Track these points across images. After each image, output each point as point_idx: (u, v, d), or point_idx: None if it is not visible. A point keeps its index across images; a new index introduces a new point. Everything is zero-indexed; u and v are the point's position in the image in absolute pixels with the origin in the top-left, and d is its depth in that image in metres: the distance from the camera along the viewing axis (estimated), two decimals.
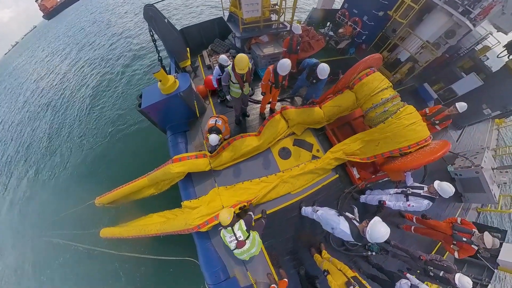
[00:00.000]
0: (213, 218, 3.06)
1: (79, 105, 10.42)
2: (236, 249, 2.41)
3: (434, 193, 2.72)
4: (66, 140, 8.82)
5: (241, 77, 3.18)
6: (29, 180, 7.98)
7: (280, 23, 5.45)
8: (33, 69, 17.30)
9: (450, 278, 2.55)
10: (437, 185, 2.66)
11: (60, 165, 7.90)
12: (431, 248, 4.02)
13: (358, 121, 4.33)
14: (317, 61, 3.60)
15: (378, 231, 1.87)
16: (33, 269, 5.75)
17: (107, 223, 5.00)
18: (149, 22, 3.86)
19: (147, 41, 13.49)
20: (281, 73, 3.23)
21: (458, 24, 5.63)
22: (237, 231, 2.37)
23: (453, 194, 2.58)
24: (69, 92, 11.75)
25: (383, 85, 3.37)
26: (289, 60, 3.13)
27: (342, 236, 2.24)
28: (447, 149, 2.84)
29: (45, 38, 24.51)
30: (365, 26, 6.33)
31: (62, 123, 9.91)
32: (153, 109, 3.76)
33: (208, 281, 2.87)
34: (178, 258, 3.40)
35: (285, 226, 3.51)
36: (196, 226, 3.02)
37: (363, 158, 3.56)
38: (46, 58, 18.19)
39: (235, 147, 3.75)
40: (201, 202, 3.44)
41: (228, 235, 2.39)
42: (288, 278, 2.93)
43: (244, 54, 2.93)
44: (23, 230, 6.59)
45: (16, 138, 10.36)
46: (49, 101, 11.68)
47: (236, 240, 2.37)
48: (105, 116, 9.07)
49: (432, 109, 3.87)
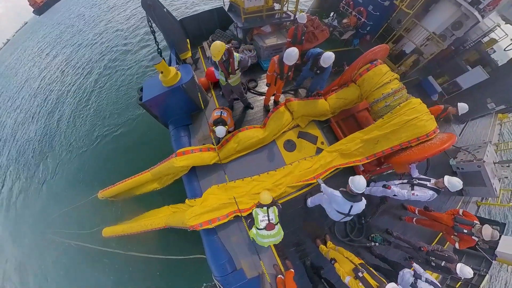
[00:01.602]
0: (207, 222, 3.06)
1: (76, 101, 10.19)
2: (264, 230, 2.41)
3: (442, 188, 2.73)
4: (66, 140, 8.65)
5: (225, 66, 3.13)
6: (29, 180, 7.89)
7: (283, 12, 5.26)
8: (25, 68, 16.78)
9: (452, 267, 2.59)
10: (447, 181, 2.66)
11: (59, 164, 7.79)
12: (431, 239, 4.10)
13: (362, 113, 4.30)
14: (322, 51, 3.48)
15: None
16: (35, 268, 5.74)
17: (112, 221, 4.92)
18: (148, 11, 3.69)
19: (142, 34, 13.08)
20: (287, 63, 3.11)
21: (466, 15, 5.48)
22: (271, 213, 2.42)
23: (460, 188, 2.59)
24: (64, 89, 11.48)
25: (384, 79, 3.31)
26: (296, 49, 3.01)
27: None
28: (453, 142, 2.83)
29: (36, 35, 23.59)
30: (370, 16, 6.15)
31: (60, 120, 9.72)
32: (154, 103, 3.66)
33: (215, 274, 2.90)
34: (188, 257, 3.39)
35: (290, 218, 3.53)
36: (191, 226, 3.05)
37: (362, 159, 3.49)
38: (38, 55, 17.59)
39: (239, 139, 3.70)
40: (199, 201, 3.41)
41: (261, 214, 2.43)
42: (293, 269, 2.98)
43: (219, 42, 2.82)
44: (26, 228, 6.53)
45: (17, 137, 10.18)
46: (46, 100, 11.42)
47: (268, 221, 2.40)
48: (104, 112, 8.92)
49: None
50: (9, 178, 8.44)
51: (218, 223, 3.10)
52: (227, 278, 2.87)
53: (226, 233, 3.21)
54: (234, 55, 3.04)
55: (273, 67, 3.32)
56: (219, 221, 3.10)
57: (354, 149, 3.48)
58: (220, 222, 3.11)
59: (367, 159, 3.50)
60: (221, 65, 3.10)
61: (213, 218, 3.10)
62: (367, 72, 3.39)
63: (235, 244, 3.13)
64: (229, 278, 2.88)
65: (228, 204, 3.24)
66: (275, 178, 3.57)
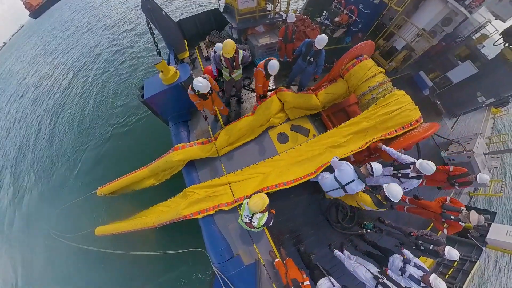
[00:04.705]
0: (197, 213, 3.29)
1: (75, 101, 10.42)
2: (243, 223, 2.61)
3: (418, 172, 2.86)
4: (66, 140, 8.77)
5: (230, 62, 3.36)
6: (28, 180, 8.01)
7: (276, 12, 5.46)
8: (23, 71, 16.96)
9: (440, 250, 2.71)
10: (418, 165, 2.79)
11: (59, 164, 7.92)
12: (424, 227, 4.21)
13: (353, 107, 4.45)
14: (313, 39, 3.60)
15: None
16: (34, 269, 5.79)
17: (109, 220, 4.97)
18: (147, 14, 3.89)
19: (139, 35, 13.35)
20: (272, 73, 3.36)
21: (455, 12, 5.64)
22: (255, 218, 2.45)
23: (434, 170, 2.71)
24: (65, 90, 11.70)
25: (369, 73, 3.46)
26: (277, 62, 3.26)
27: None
28: (435, 130, 2.98)
29: (32, 38, 23.66)
30: (361, 14, 6.33)
31: (59, 120, 9.91)
32: (155, 100, 3.86)
33: (214, 261, 3.02)
34: (187, 250, 3.49)
35: (285, 206, 3.69)
36: (184, 216, 3.25)
37: (354, 149, 3.54)
38: (35, 59, 17.69)
39: (229, 130, 3.87)
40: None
41: (247, 212, 2.51)
42: (288, 255, 3.11)
43: (231, 40, 3.06)
44: (25, 227, 6.63)
45: (19, 138, 10.37)
46: (46, 103, 11.62)
47: (250, 222, 2.51)
48: (104, 111, 9.10)
49: (456, 170, 3.55)
50: (8, 178, 8.56)
51: (207, 214, 3.31)
52: (225, 265, 2.99)
53: (224, 221, 3.35)
54: (239, 52, 3.30)
55: (262, 76, 3.57)
56: (207, 212, 3.32)
57: (343, 141, 3.60)
58: (208, 213, 3.32)
59: (360, 149, 3.57)
60: (227, 61, 3.34)
61: (202, 209, 3.32)
62: (354, 67, 3.55)
63: (232, 232, 3.26)
64: (227, 265, 2.99)
65: (220, 195, 3.44)
66: (272, 163, 3.74)
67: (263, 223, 2.47)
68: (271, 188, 3.39)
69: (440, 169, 3.55)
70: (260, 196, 2.42)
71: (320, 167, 3.36)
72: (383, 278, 2.32)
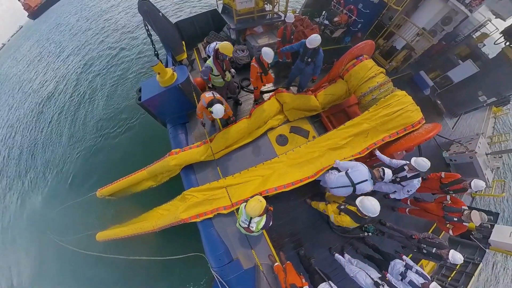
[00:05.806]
0: (195, 216, 3.26)
1: (75, 102, 10.40)
2: (241, 228, 2.56)
3: (414, 169, 2.84)
4: (66, 140, 8.79)
5: (221, 66, 3.37)
6: (28, 180, 8.02)
7: (274, 13, 5.42)
8: (22, 73, 16.98)
9: (443, 254, 2.65)
10: (413, 162, 2.80)
11: (59, 164, 7.91)
12: (427, 229, 4.15)
13: (353, 108, 4.39)
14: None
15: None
16: (34, 268, 5.79)
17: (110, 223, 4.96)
18: (144, 16, 3.86)
19: (137, 37, 13.35)
20: (267, 61, 3.34)
21: (455, 11, 5.59)
22: (253, 223, 2.41)
23: (429, 167, 2.71)
24: (65, 89, 11.70)
25: (370, 74, 3.40)
26: (270, 49, 3.25)
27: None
28: (437, 131, 2.93)
29: (31, 39, 23.51)
30: (361, 14, 6.29)
31: (58, 120, 9.90)
32: (153, 102, 3.82)
33: (213, 265, 2.98)
34: (186, 255, 3.44)
35: (285, 209, 3.64)
36: (182, 220, 3.22)
37: (355, 154, 3.46)
38: (34, 61, 17.60)
39: (225, 133, 3.84)
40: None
41: (244, 217, 2.46)
42: (287, 259, 3.06)
43: (228, 42, 3.12)
44: (24, 228, 6.62)
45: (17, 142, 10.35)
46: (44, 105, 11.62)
47: (248, 226, 2.46)
48: (103, 113, 9.07)
49: (449, 176, 3.27)
50: (5, 179, 8.55)
51: (205, 217, 3.29)
52: (224, 269, 2.94)
53: (223, 225, 3.30)
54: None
55: (255, 70, 3.53)
56: (206, 215, 3.29)
57: (344, 143, 3.51)
58: (207, 216, 3.29)
59: (360, 154, 3.47)
60: (218, 66, 3.34)
61: (200, 212, 3.29)
62: (354, 67, 3.49)
63: (231, 236, 3.22)
64: (226, 269, 2.95)
65: (218, 198, 3.39)
66: (271, 165, 3.69)
67: (262, 226, 2.43)
68: (271, 191, 3.34)
69: (431, 177, 3.41)
70: (257, 199, 2.36)
71: (320, 170, 3.31)
72: (384, 284, 2.28)
